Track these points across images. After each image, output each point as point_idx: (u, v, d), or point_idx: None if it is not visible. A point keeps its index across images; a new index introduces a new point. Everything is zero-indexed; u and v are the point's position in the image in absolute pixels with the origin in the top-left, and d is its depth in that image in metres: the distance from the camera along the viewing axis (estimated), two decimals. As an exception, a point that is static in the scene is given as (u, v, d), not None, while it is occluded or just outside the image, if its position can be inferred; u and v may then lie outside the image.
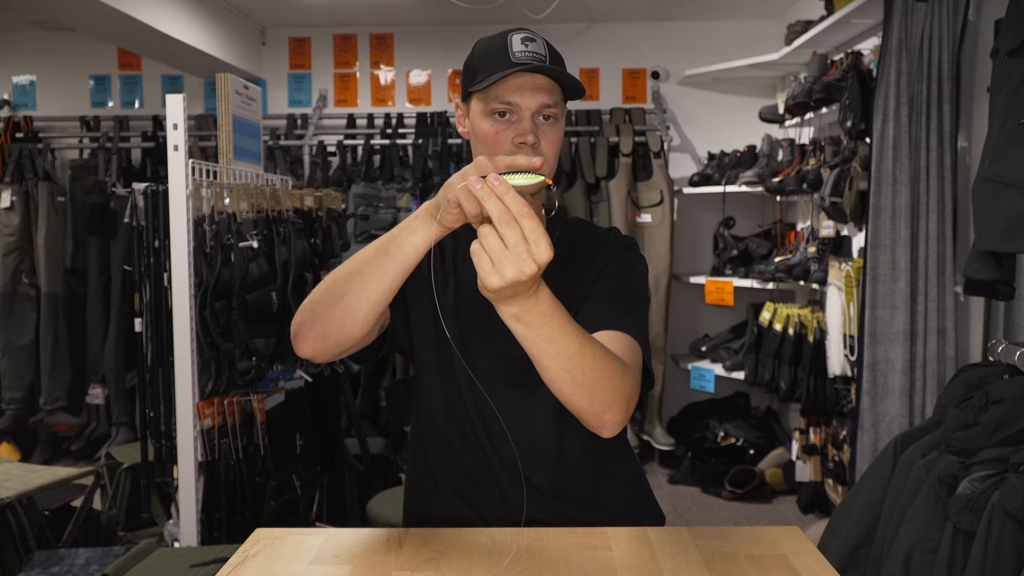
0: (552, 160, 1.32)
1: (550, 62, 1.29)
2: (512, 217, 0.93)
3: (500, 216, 0.93)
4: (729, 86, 4.81)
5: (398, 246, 1.12)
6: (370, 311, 1.16)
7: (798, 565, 1.12)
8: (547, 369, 1.08)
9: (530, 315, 1.01)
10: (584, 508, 1.37)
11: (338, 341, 1.19)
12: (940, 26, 2.53)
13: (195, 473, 2.25)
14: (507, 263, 0.93)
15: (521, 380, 1.35)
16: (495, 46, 1.30)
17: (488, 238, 0.93)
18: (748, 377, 3.89)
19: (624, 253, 1.39)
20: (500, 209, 0.93)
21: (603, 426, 1.14)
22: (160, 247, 2.46)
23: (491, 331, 1.35)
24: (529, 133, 1.27)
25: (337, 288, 1.16)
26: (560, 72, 1.27)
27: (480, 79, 1.28)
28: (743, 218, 4.55)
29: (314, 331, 1.19)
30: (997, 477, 1.61)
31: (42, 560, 2.38)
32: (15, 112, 4.94)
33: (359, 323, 1.17)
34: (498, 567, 1.11)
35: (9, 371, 4.28)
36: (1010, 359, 1.82)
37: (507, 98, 1.28)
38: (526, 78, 1.28)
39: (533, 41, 1.29)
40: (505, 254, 0.93)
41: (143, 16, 3.59)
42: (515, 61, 1.26)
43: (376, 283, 1.14)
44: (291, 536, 1.24)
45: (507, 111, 1.29)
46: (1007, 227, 1.86)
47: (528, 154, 1.28)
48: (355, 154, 4.67)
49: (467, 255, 1.41)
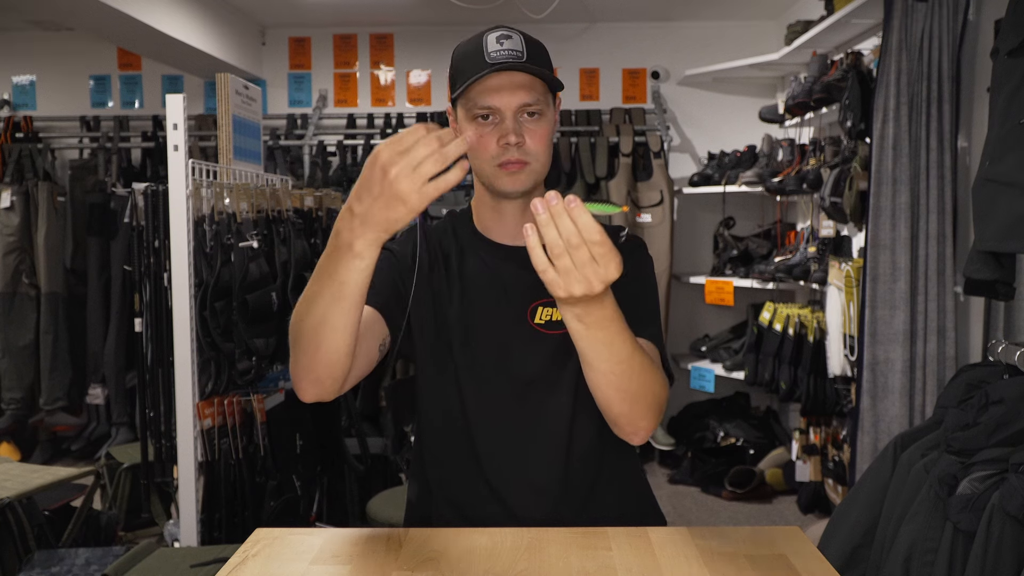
0: (541, 155, 1.30)
1: (528, 57, 1.27)
2: (582, 240, 0.95)
3: (571, 238, 0.95)
4: (729, 86, 4.81)
5: (348, 285, 1.07)
6: (351, 344, 1.14)
7: (798, 565, 1.12)
8: (597, 371, 1.10)
9: (592, 317, 1.04)
10: (585, 510, 1.36)
11: (335, 380, 1.18)
12: (940, 26, 2.53)
13: (195, 473, 2.25)
14: (575, 282, 0.97)
15: (526, 391, 1.35)
16: (471, 48, 1.29)
17: (561, 259, 0.96)
18: (748, 377, 3.89)
19: (635, 254, 1.39)
20: (571, 231, 0.95)
21: (636, 432, 1.18)
22: (160, 247, 2.46)
23: (499, 342, 1.35)
24: (511, 133, 1.26)
25: (310, 339, 1.13)
26: (535, 69, 1.25)
27: (459, 85, 1.28)
28: (743, 218, 4.55)
29: (308, 380, 1.17)
30: (997, 477, 1.61)
31: (42, 560, 2.38)
32: (15, 112, 4.94)
33: (345, 360, 1.15)
34: (498, 567, 1.11)
35: (9, 371, 4.28)
36: (1010, 359, 1.82)
37: (485, 101, 1.27)
38: (503, 78, 1.26)
39: (509, 38, 1.27)
40: (574, 272, 0.96)
41: (143, 16, 3.59)
42: (490, 62, 1.25)
43: (344, 325, 1.11)
44: (291, 536, 1.24)
45: (488, 113, 1.28)
46: (1007, 227, 1.85)
47: (514, 155, 1.28)
48: (355, 154, 4.66)
49: (472, 259, 1.39)
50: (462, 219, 1.46)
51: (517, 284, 1.36)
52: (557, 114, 1.39)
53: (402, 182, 0.97)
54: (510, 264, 1.38)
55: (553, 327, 1.35)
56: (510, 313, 1.36)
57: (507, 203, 1.37)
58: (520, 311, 1.36)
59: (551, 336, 1.35)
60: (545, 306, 1.35)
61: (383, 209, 1.00)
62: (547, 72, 1.29)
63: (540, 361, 1.35)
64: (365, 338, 1.25)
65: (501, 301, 1.36)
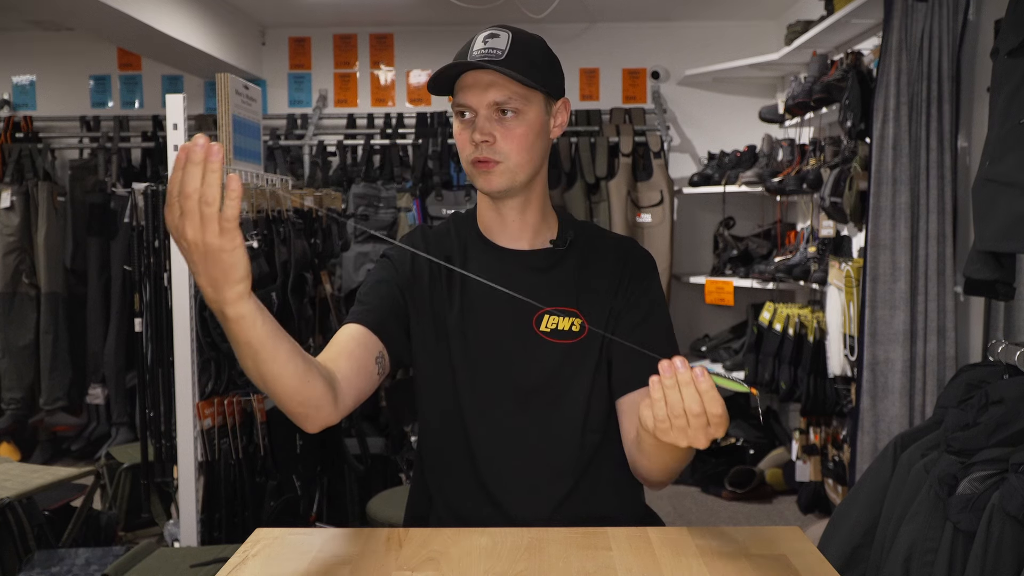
0: (513, 155, 1.29)
1: (509, 56, 1.26)
2: (704, 410, 1.00)
3: (693, 407, 1.00)
4: (729, 86, 4.81)
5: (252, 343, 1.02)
6: (302, 382, 1.08)
7: (798, 565, 1.12)
8: (655, 466, 1.24)
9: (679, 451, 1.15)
10: (583, 523, 1.35)
11: (319, 408, 1.14)
12: (940, 26, 2.53)
13: (195, 473, 2.24)
14: (684, 438, 1.03)
15: (528, 400, 1.33)
16: (463, 47, 1.31)
17: (679, 419, 1.01)
18: (748, 377, 3.88)
19: (649, 276, 1.40)
20: (695, 400, 1.00)
21: (658, 487, 1.32)
22: (160, 247, 2.46)
23: (502, 349, 1.34)
24: (478, 131, 1.27)
25: (263, 389, 1.10)
26: (505, 70, 1.24)
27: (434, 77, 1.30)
28: (743, 218, 4.55)
29: (293, 416, 1.14)
30: (997, 477, 1.61)
31: (42, 560, 2.38)
32: (15, 112, 4.94)
33: (310, 391, 1.11)
34: (498, 567, 1.11)
35: (9, 371, 4.28)
36: (1010, 359, 1.81)
37: (460, 99, 1.29)
38: (477, 75, 1.28)
39: (496, 37, 1.28)
40: (687, 431, 1.02)
41: (143, 16, 3.59)
42: (469, 60, 1.27)
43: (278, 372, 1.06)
44: (291, 536, 1.23)
45: (465, 111, 1.30)
46: (1007, 227, 1.85)
47: (483, 154, 1.28)
48: (355, 154, 4.66)
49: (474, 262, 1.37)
50: (465, 220, 1.44)
51: (522, 291, 1.32)
52: (564, 117, 1.37)
53: (190, 232, 0.90)
54: (515, 269, 1.36)
55: (559, 336, 1.33)
56: (514, 320, 1.34)
57: (504, 203, 1.36)
58: (525, 318, 1.34)
59: (556, 345, 1.33)
60: (552, 315, 1.34)
61: (211, 267, 0.93)
62: (519, 72, 1.26)
63: (543, 370, 1.33)
64: (357, 356, 1.24)
65: (505, 307, 1.32)
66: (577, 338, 1.34)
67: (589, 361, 1.35)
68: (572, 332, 1.34)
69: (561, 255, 1.39)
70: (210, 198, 0.89)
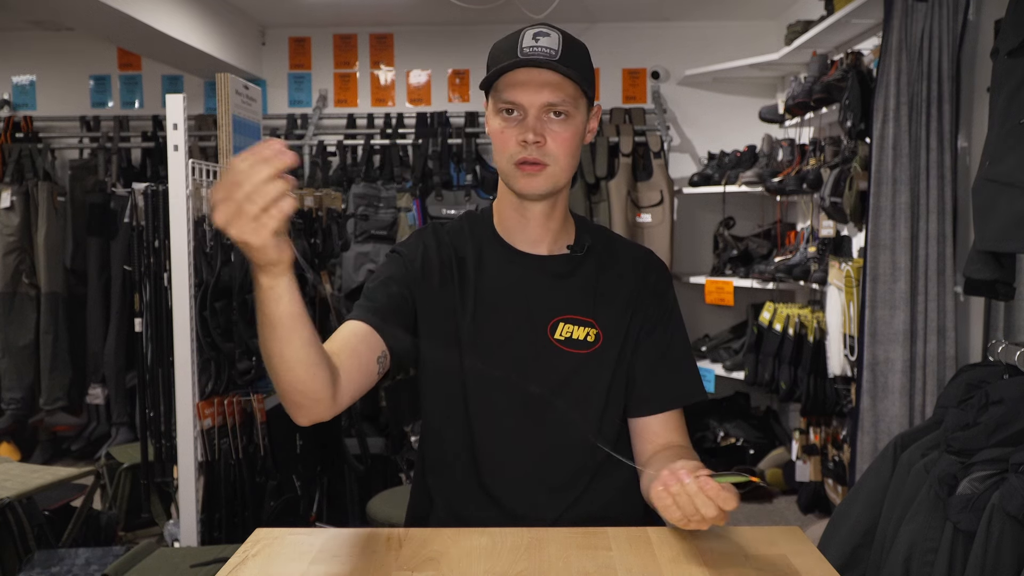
0: (562, 159, 1.27)
1: (563, 56, 1.24)
2: (719, 510, 1.05)
3: (707, 512, 1.05)
4: (729, 86, 4.80)
5: (274, 316, 1.02)
6: (309, 370, 1.08)
7: (798, 565, 1.12)
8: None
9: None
10: (586, 515, 1.35)
11: (317, 401, 1.12)
12: (940, 26, 2.53)
13: (195, 473, 2.25)
14: (701, 526, 1.09)
15: (538, 408, 1.31)
16: (508, 42, 1.28)
17: (694, 517, 1.07)
18: (748, 377, 3.89)
19: (667, 293, 1.40)
20: (707, 505, 1.04)
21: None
22: (160, 247, 2.46)
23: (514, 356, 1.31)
24: (530, 131, 1.24)
25: (270, 370, 1.09)
26: (563, 69, 1.23)
27: (489, 74, 1.27)
28: (743, 218, 4.55)
29: (289, 405, 1.13)
30: (997, 477, 1.61)
31: (42, 560, 2.38)
32: (15, 112, 4.94)
33: (313, 383, 1.09)
34: (498, 567, 1.11)
35: (9, 371, 4.28)
36: (1010, 359, 1.82)
37: (510, 96, 1.25)
38: (531, 74, 1.24)
39: (547, 36, 1.26)
40: (705, 522, 1.08)
41: (143, 16, 3.59)
42: (521, 57, 1.24)
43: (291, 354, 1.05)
44: (291, 536, 1.23)
45: (513, 108, 1.26)
46: (1007, 227, 1.85)
47: (532, 155, 1.25)
48: (355, 154, 4.66)
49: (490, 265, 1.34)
50: (481, 220, 1.40)
51: (539, 296, 1.32)
52: (595, 123, 1.34)
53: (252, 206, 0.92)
54: (532, 274, 1.34)
55: (573, 345, 1.31)
56: (528, 326, 1.32)
57: (532, 206, 1.32)
58: (540, 325, 1.32)
59: (570, 355, 1.31)
60: (567, 322, 1.32)
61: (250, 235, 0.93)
62: (577, 74, 1.24)
63: (556, 379, 1.31)
64: (359, 353, 1.22)
65: (520, 313, 1.31)
66: (592, 348, 1.32)
67: (604, 373, 1.33)
68: (587, 342, 1.32)
69: (579, 261, 1.36)
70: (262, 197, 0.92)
